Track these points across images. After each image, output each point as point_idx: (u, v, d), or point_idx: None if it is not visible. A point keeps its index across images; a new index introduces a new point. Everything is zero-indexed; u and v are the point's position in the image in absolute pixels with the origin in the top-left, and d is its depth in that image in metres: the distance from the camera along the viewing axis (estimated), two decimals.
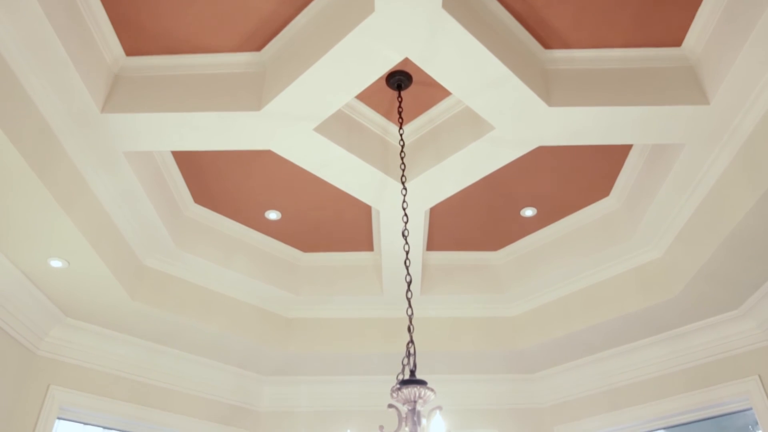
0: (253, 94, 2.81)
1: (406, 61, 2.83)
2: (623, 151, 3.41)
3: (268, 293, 4.15)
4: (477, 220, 3.96)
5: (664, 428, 4.16)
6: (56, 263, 3.25)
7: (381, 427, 2.05)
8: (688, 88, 2.76)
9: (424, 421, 2.04)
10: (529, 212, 3.87)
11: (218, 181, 3.64)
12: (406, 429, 2.07)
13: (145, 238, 3.62)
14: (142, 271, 3.73)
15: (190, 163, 3.50)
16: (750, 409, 3.65)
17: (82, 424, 3.92)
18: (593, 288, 3.93)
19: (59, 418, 3.71)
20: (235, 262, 3.95)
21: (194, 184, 3.67)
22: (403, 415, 2.10)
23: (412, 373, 2.18)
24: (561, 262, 3.95)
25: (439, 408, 1.95)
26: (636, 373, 4.10)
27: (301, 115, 2.80)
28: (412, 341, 2.27)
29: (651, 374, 4.04)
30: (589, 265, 3.89)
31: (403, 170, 2.84)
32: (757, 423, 3.73)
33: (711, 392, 3.75)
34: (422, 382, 2.09)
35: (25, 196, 2.78)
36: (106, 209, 3.29)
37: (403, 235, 2.61)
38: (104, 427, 3.96)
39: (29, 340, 3.59)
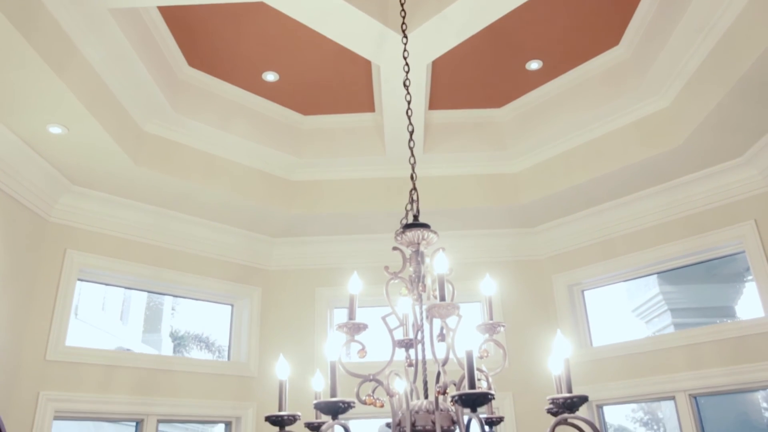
0: None
1: None
2: None
3: (271, 157, 4.16)
4: (480, 76, 3.86)
5: (658, 273, 4.35)
6: (55, 129, 3.24)
7: (386, 268, 2.15)
8: None
9: (427, 260, 2.13)
10: (534, 65, 3.76)
11: (211, 42, 3.51)
12: (410, 269, 2.16)
13: (142, 103, 3.56)
14: (143, 137, 3.72)
15: (180, 22, 3.35)
16: (743, 252, 3.78)
17: (103, 285, 4.12)
18: (597, 141, 3.91)
19: (80, 280, 3.90)
20: (236, 127, 3.93)
21: (187, 46, 3.55)
22: (407, 257, 2.19)
23: (416, 217, 2.23)
24: (565, 116, 3.91)
25: (442, 249, 2.01)
26: (634, 223, 4.20)
27: None
28: (415, 188, 2.30)
29: (648, 224, 4.14)
30: (594, 118, 3.84)
31: (404, 18, 2.72)
32: (747, 269, 3.88)
33: (707, 237, 3.87)
34: (425, 225, 2.15)
35: (14, 60, 2.72)
36: (98, 73, 3.21)
37: (405, 85, 2.55)
38: (125, 287, 4.18)
39: (40, 207, 3.67)
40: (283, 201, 4.28)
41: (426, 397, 2.09)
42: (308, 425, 2.03)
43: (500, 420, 2.23)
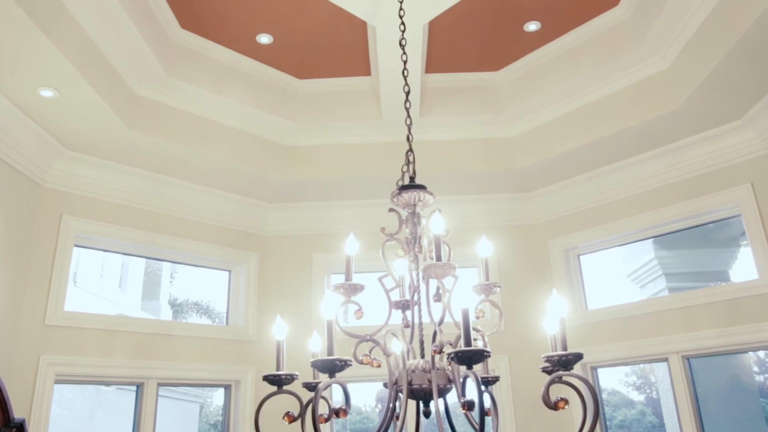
0: None
1: None
2: None
3: (266, 121, 4.12)
4: (477, 38, 3.80)
5: (654, 237, 4.36)
6: (47, 93, 3.19)
7: (383, 229, 2.15)
8: None
9: (423, 221, 2.13)
10: (532, 26, 3.70)
11: (204, 3, 3.44)
12: (407, 230, 2.16)
13: (135, 66, 3.50)
14: (137, 101, 3.67)
15: None
16: (739, 215, 3.78)
17: (100, 251, 4.12)
18: (595, 104, 3.88)
19: (76, 246, 3.89)
20: (230, 90, 3.88)
21: (179, 7, 3.48)
22: (404, 218, 2.18)
23: (412, 179, 2.22)
24: (563, 78, 3.86)
25: (438, 210, 2.00)
26: (631, 187, 4.20)
27: None
28: (411, 149, 2.29)
29: (645, 188, 4.14)
30: (593, 80, 3.80)
31: None
32: (743, 234, 3.89)
33: (703, 201, 3.87)
34: (422, 187, 2.14)
35: (3, 22, 2.66)
36: (89, 35, 3.14)
37: (401, 44, 2.51)
38: (122, 253, 4.18)
39: (34, 173, 3.64)
40: (279, 166, 4.26)
41: (422, 356, 2.11)
42: (306, 385, 2.05)
43: (496, 379, 2.26)
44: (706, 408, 3.89)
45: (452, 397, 1.98)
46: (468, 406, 1.74)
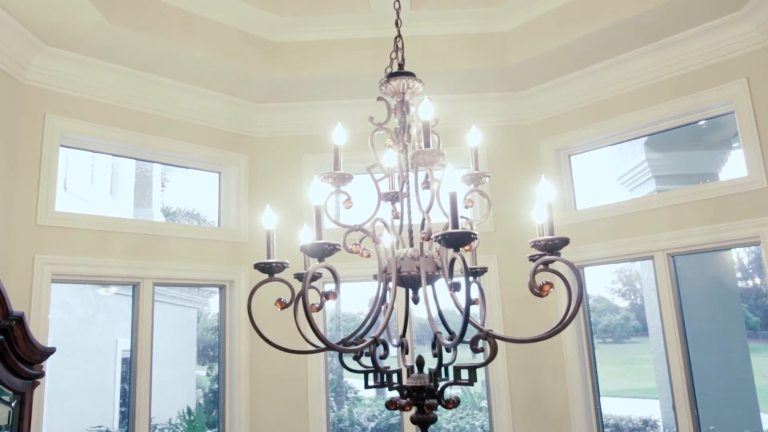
0: None
1: None
2: None
3: (251, 14, 3.94)
4: None
5: (646, 136, 4.33)
6: None
7: (371, 118, 2.11)
8: None
9: (413, 109, 2.09)
10: None
11: None
12: (395, 120, 2.13)
13: None
14: None
15: None
16: (732, 112, 3.73)
17: (86, 152, 4.07)
18: None
19: (62, 146, 3.83)
20: None
21: None
22: (392, 107, 2.14)
23: (400, 66, 2.16)
24: None
25: (428, 97, 1.96)
26: (624, 84, 4.11)
27: None
28: (399, 35, 2.21)
29: (639, 85, 4.05)
30: None
31: None
32: (734, 135, 3.86)
33: (697, 97, 3.81)
34: (410, 74, 2.08)
35: None
36: None
37: None
38: (109, 154, 4.13)
39: (12, 68, 3.51)
40: (267, 64, 4.13)
41: (411, 246, 2.13)
42: (297, 276, 2.08)
43: (484, 270, 2.30)
44: (688, 308, 4.01)
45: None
46: (454, 288, 1.79)
